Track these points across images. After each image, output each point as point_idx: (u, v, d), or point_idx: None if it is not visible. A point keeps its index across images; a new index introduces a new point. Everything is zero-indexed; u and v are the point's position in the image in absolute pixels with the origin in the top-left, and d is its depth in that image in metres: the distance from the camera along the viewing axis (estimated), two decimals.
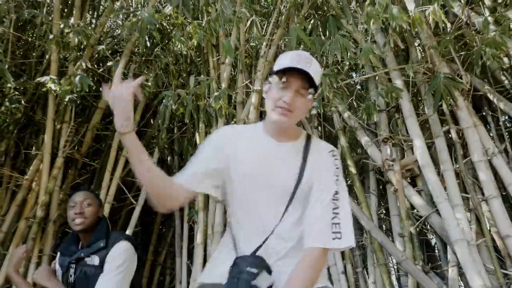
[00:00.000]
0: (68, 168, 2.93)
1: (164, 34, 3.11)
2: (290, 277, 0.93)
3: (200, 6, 2.64)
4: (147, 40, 3.16)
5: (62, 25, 2.56)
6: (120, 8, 3.28)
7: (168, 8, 2.54)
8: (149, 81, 3.12)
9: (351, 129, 2.64)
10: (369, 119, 2.42)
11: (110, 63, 2.73)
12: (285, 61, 1.01)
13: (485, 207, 2.12)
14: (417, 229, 2.28)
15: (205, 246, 2.40)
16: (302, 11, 2.94)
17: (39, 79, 2.52)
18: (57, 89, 2.43)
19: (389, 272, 2.39)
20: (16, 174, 2.73)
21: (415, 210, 2.27)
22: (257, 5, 3.05)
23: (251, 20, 2.66)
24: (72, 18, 2.84)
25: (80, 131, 2.83)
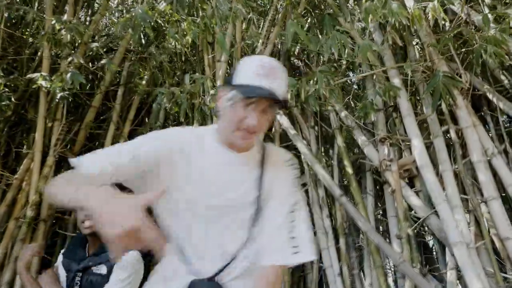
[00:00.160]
0: (61, 167, 2.88)
1: (159, 32, 3.07)
2: None
3: (196, 3, 2.60)
4: (142, 38, 3.11)
5: (54, 22, 2.50)
6: (116, 6, 3.24)
7: (162, 5, 2.50)
8: (144, 79, 3.08)
9: (348, 129, 2.59)
10: (366, 118, 2.38)
11: (104, 61, 2.68)
12: (250, 76, 0.87)
13: (485, 209, 2.09)
14: (415, 231, 2.23)
15: None
16: (299, 9, 2.90)
17: (30, 76, 2.46)
18: (48, 86, 2.38)
19: (386, 275, 2.35)
20: (7, 173, 2.67)
21: (413, 212, 2.23)
22: (254, 2, 3.00)
23: (248, 18, 2.62)
24: (65, 15, 2.79)
25: (73, 130, 2.78)
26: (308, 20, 3.15)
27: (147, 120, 3.34)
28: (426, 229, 2.63)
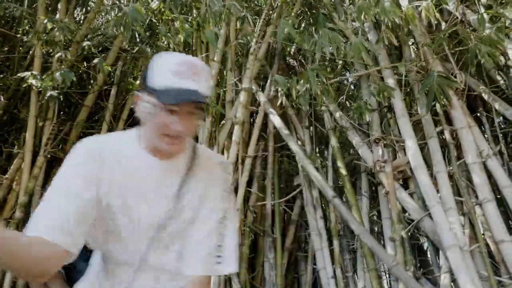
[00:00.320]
0: (53, 168, 2.85)
1: (154, 31, 3.04)
2: None
3: (189, 1, 2.57)
4: (136, 37, 3.09)
5: (46, 21, 2.48)
6: (111, 4, 3.21)
7: (155, 3, 2.47)
8: (138, 79, 3.05)
9: (343, 129, 2.56)
10: (360, 119, 2.35)
11: (96, 60, 2.65)
12: (169, 77, 0.78)
13: (479, 211, 2.05)
14: (409, 233, 2.20)
15: None
16: (295, 9, 2.88)
17: (20, 75, 2.44)
18: (39, 85, 2.36)
19: (380, 277, 2.31)
20: None
21: (407, 214, 2.20)
22: (248, 1, 2.97)
23: (242, 16, 2.59)
24: (58, 14, 2.77)
25: (65, 129, 2.75)
26: (304, 20, 3.13)
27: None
28: (421, 232, 2.60)
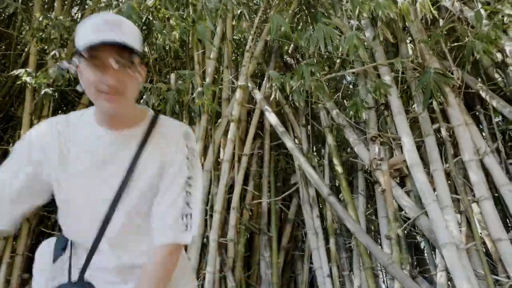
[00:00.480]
0: None
1: (150, 29, 3.02)
2: (140, 281, 0.81)
3: None
4: None
5: (41, 18, 2.47)
6: (108, 2, 3.19)
7: (151, 0, 2.46)
8: None
9: (339, 127, 2.54)
10: (357, 117, 2.33)
11: None
12: (88, 33, 0.77)
13: (476, 209, 2.04)
14: (405, 232, 2.18)
15: None
16: (292, 7, 2.86)
17: (14, 72, 2.43)
18: (33, 82, 2.34)
19: (377, 276, 2.30)
20: None
21: (404, 212, 2.18)
22: None
23: (239, 13, 2.57)
24: (54, 11, 2.76)
25: None
26: (301, 18, 3.11)
27: None
28: (418, 230, 2.58)
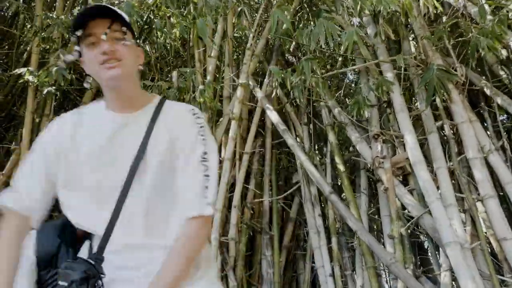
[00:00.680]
0: None
1: (151, 27, 3.03)
2: (169, 255, 0.80)
3: None
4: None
5: (43, 17, 2.48)
6: (111, 2, 3.20)
7: None
8: None
9: (341, 125, 2.52)
10: (359, 115, 2.30)
11: None
12: (79, 16, 0.88)
13: (481, 208, 2.00)
14: (409, 231, 2.15)
15: None
16: (293, 4, 2.84)
17: (16, 71, 2.44)
18: (35, 81, 2.35)
19: (380, 276, 2.27)
20: None
21: (407, 210, 2.15)
22: None
23: (240, 10, 2.56)
24: (55, 11, 2.77)
25: None
26: (303, 16, 3.09)
27: None
28: (421, 229, 2.54)
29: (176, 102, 1.00)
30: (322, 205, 2.67)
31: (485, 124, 2.33)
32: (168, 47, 2.85)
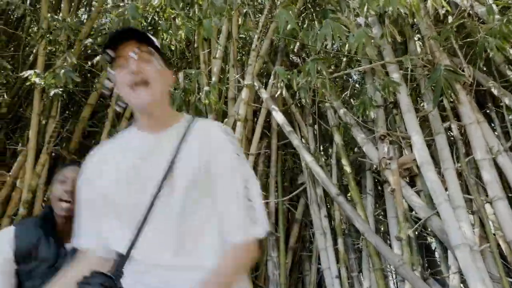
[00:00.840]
0: (56, 165, 2.86)
1: (156, 29, 3.04)
2: (208, 276, 0.80)
3: None
4: None
5: (49, 19, 2.49)
6: (114, 3, 3.22)
7: (156, 0, 2.46)
8: None
9: (347, 126, 2.51)
10: (364, 115, 2.29)
11: (98, 58, 2.66)
12: (108, 41, 0.90)
13: (490, 209, 1.98)
14: (416, 232, 2.13)
15: None
16: (298, 5, 2.84)
17: (24, 73, 2.46)
18: (42, 83, 2.36)
19: (387, 277, 2.25)
20: (2, 171, 2.66)
21: (414, 212, 2.13)
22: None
23: (245, 12, 2.56)
24: (61, 13, 2.79)
25: (68, 127, 2.76)
26: (308, 16, 3.08)
27: None
28: (429, 231, 2.52)
29: (205, 120, 1.00)
30: (328, 206, 2.66)
31: (493, 125, 2.31)
32: (173, 49, 2.86)
